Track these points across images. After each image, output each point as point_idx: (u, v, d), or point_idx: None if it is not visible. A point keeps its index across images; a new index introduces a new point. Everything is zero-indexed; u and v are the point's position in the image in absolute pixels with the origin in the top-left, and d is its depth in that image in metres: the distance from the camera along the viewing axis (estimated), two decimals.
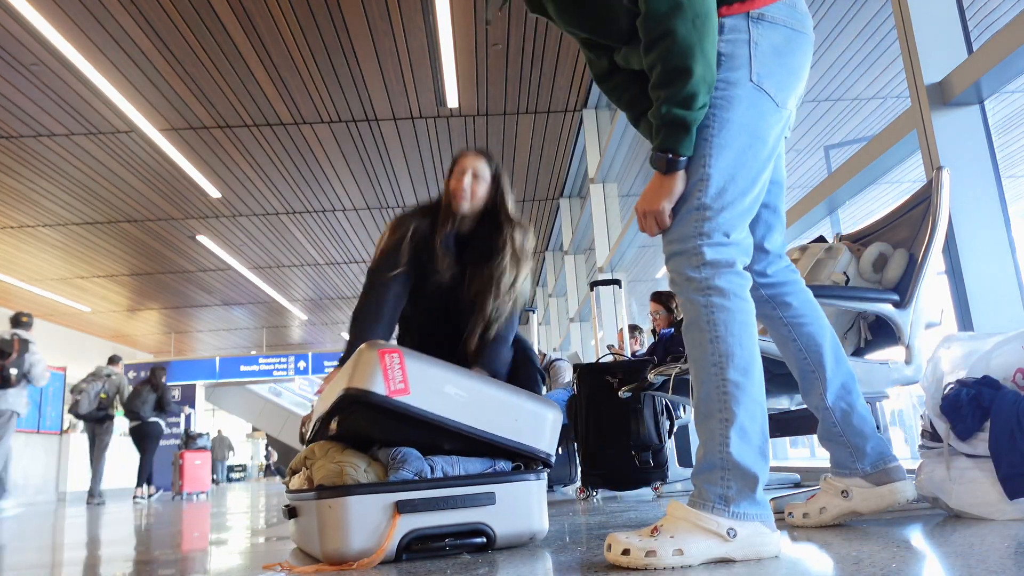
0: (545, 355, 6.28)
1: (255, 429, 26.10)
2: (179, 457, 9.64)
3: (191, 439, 10.47)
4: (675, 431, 3.66)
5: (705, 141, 1.31)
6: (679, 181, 1.32)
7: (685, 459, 4.71)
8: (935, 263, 1.97)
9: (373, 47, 5.64)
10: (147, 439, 8.64)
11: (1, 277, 10.80)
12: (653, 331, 4.67)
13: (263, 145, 7.15)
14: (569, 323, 9.93)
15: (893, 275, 2.05)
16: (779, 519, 1.80)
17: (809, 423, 2.58)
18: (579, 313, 9.43)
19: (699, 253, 1.30)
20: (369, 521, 1.51)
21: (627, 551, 1.20)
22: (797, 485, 3.13)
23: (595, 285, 4.89)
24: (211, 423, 21.06)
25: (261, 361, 15.59)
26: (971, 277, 2.09)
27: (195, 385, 15.04)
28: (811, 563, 1.20)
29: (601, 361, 3.80)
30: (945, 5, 2.26)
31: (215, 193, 8.17)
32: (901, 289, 1.98)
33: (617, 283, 4.82)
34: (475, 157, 2.25)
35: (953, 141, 2.16)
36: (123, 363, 8.82)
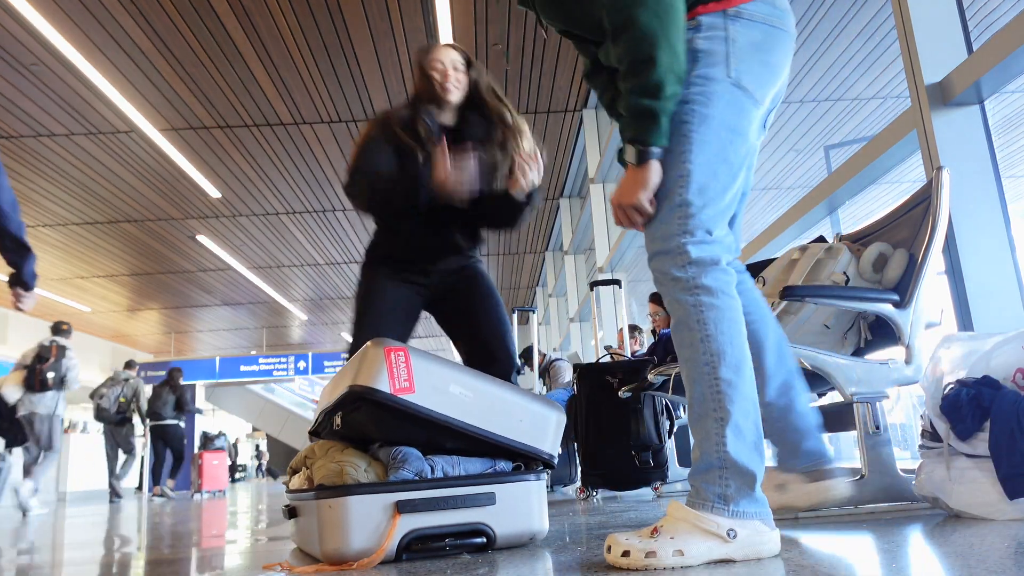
0: (545, 355, 6.29)
1: (255, 429, 26.10)
2: (198, 457, 10.09)
3: (209, 440, 10.89)
4: (675, 431, 3.66)
5: (684, 137, 1.30)
6: (653, 172, 1.31)
7: (685, 459, 4.71)
8: (935, 263, 1.97)
9: (373, 47, 5.64)
10: (172, 440, 9.11)
11: (1, 277, 10.81)
12: (653, 331, 4.68)
13: (263, 145, 7.14)
14: (569, 323, 9.94)
15: (893, 275, 2.05)
16: (778, 518, 1.80)
17: None
18: (579, 313, 9.43)
19: (684, 252, 1.29)
20: (369, 521, 1.51)
21: (627, 552, 1.20)
22: None
23: (595, 285, 4.89)
24: (211, 423, 21.06)
25: (261, 361, 15.60)
26: (971, 277, 2.09)
27: (195, 385, 15.05)
28: (811, 563, 1.20)
29: (601, 361, 3.81)
30: (945, 5, 2.26)
31: (215, 193, 8.17)
32: (901, 289, 1.98)
33: (617, 283, 4.82)
34: (448, 49, 2.26)
35: (953, 141, 2.16)
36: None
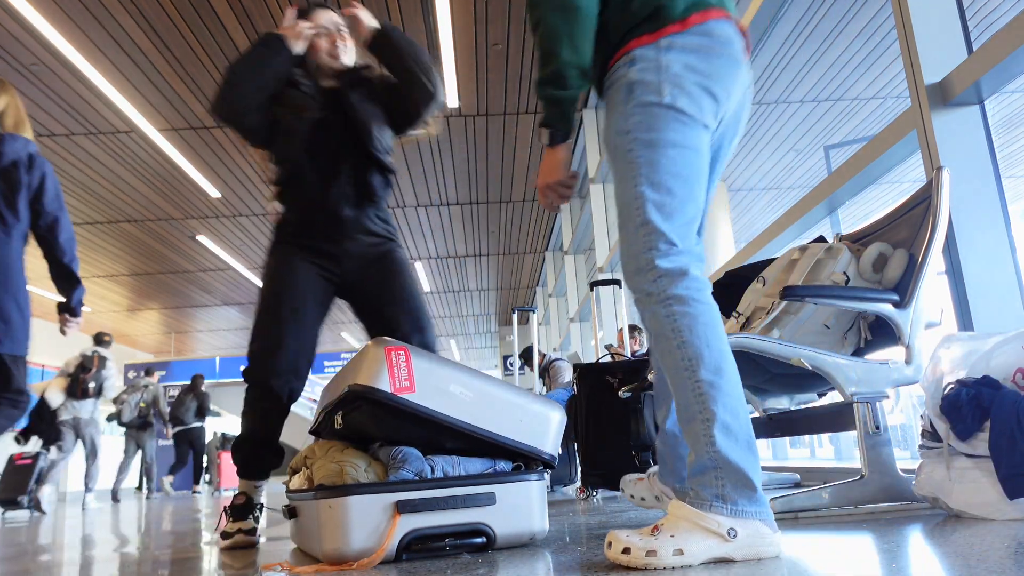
0: (545, 355, 6.29)
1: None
2: (217, 457, 10.95)
3: (228, 441, 11.68)
4: None
5: (632, 163, 1.38)
6: (564, 151, 1.49)
7: None
8: (935, 263, 1.97)
9: None
10: (196, 442, 9.86)
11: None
12: None
13: None
14: (569, 323, 9.94)
15: (893, 275, 2.05)
16: (782, 518, 1.81)
17: (809, 423, 2.59)
18: (579, 313, 9.44)
19: (653, 267, 1.34)
20: (369, 521, 1.51)
21: (627, 550, 1.21)
22: (797, 485, 3.13)
23: (595, 285, 4.89)
24: (209, 424, 21.02)
25: None
26: (971, 277, 2.09)
27: None
28: (811, 563, 1.20)
29: (601, 361, 3.80)
30: (945, 5, 2.26)
31: (215, 193, 8.17)
32: (901, 289, 1.98)
33: (617, 283, 4.82)
34: (327, 12, 2.24)
35: (953, 141, 2.16)
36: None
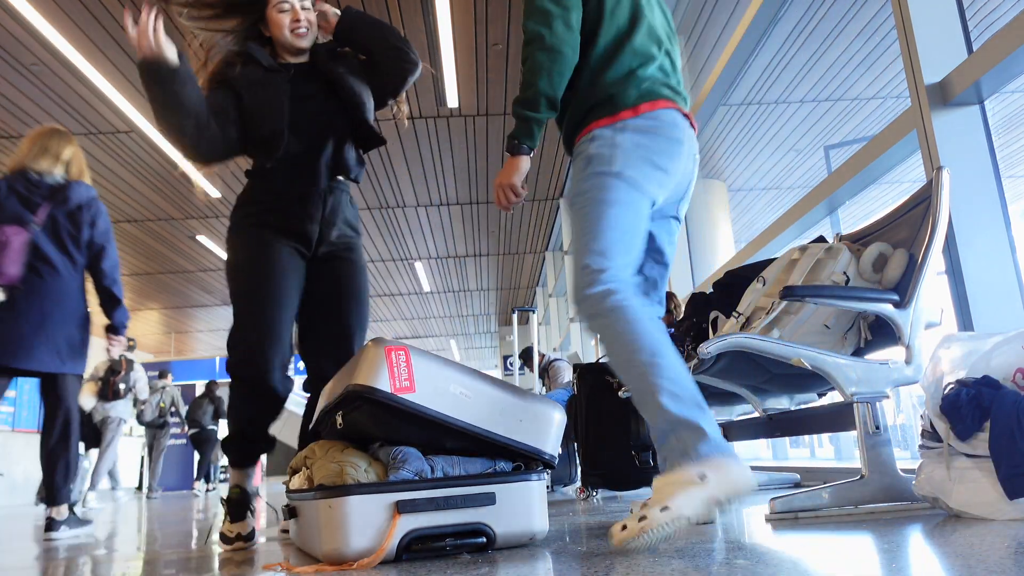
0: (544, 355, 6.29)
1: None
2: None
3: None
4: None
5: (584, 218, 1.64)
6: (524, 162, 1.72)
7: None
8: (935, 263, 1.97)
9: None
10: (207, 443, 10.37)
11: None
12: None
13: None
14: (569, 323, 9.94)
15: (893, 275, 2.05)
16: (782, 518, 1.81)
17: (809, 423, 2.59)
18: None
19: (589, 297, 1.57)
20: (369, 521, 1.51)
21: (625, 526, 1.37)
22: (797, 485, 3.13)
23: None
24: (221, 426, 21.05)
25: None
26: (971, 277, 2.09)
27: (195, 385, 15.02)
28: (811, 563, 1.21)
29: (601, 361, 3.80)
30: (945, 5, 2.26)
31: (215, 193, 8.17)
32: (901, 289, 1.98)
33: None
34: None
35: (953, 141, 2.16)
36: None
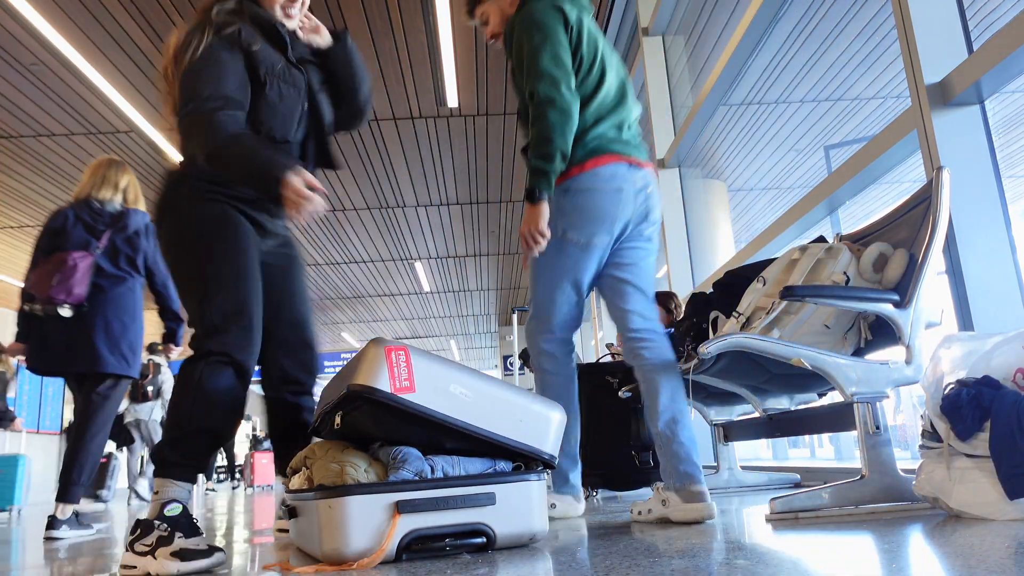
0: None
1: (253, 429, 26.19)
2: (250, 457, 11.86)
3: (258, 442, 12.53)
4: None
5: (536, 274, 2.12)
6: (544, 207, 1.96)
7: None
8: (935, 263, 1.97)
9: (373, 47, 5.63)
10: (228, 445, 11.03)
11: (1, 277, 10.80)
12: None
13: None
14: None
15: (893, 275, 2.05)
16: (782, 518, 1.81)
17: (809, 423, 2.59)
18: None
19: (536, 345, 2.19)
20: (369, 521, 1.51)
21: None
22: (797, 485, 3.13)
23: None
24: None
25: None
26: (971, 277, 2.09)
27: None
28: (811, 563, 1.20)
29: (601, 361, 3.80)
30: (945, 5, 2.26)
31: None
32: (901, 289, 1.98)
33: None
34: None
35: (953, 141, 2.16)
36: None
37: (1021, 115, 6.94)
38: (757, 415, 2.79)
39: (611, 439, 3.28)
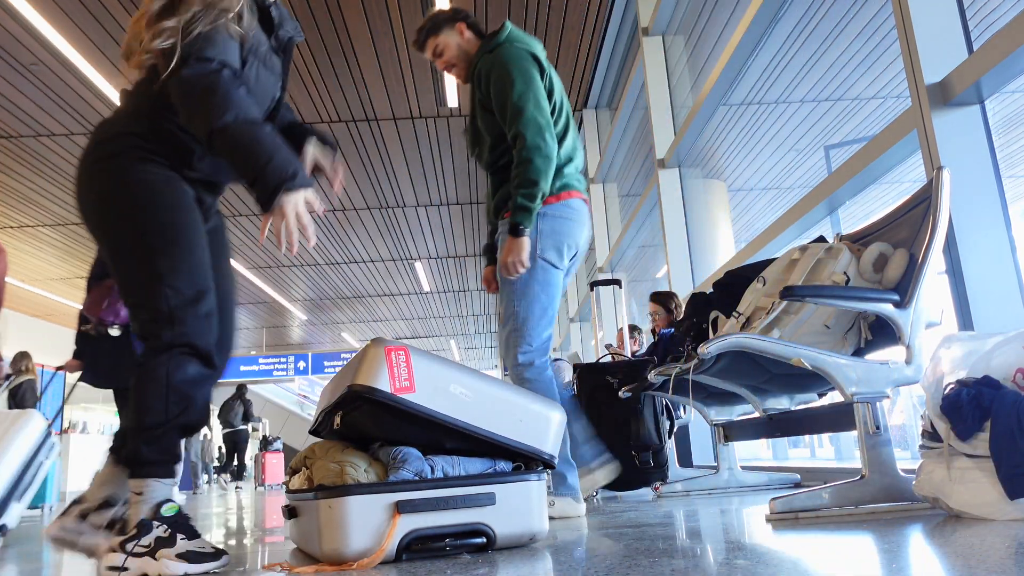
0: None
1: (254, 429, 26.20)
2: (261, 457, 12.60)
3: (268, 443, 13.30)
4: (675, 431, 3.65)
5: (515, 292, 2.28)
6: (527, 240, 2.22)
7: (685, 459, 4.71)
8: (935, 263, 1.97)
9: (373, 47, 5.64)
10: (240, 443, 11.42)
11: None
12: (652, 331, 4.67)
13: None
14: (569, 323, 9.94)
15: (893, 275, 2.05)
16: (782, 519, 1.81)
17: (809, 423, 2.59)
18: (579, 313, 9.43)
19: (516, 357, 2.30)
20: (369, 521, 1.51)
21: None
22: (797, 485, 3.12)
23: (595, 285, 4.89)
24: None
25: (261, 361, 15.59)
26: (971, 277, 2.09)
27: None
28: (811, 563, 1.20)
29: (601, 361, 3.80)
30: (945, 5, 2.26)
31: None
32: (901, 289, 1.98)
33: (617, 283, 4.81)
34: None
35: (953, 141, 2.16)
36: None
37: (1021, 115, 6.94)
38: (757, 415, 2.79)
39: (611, 439, 3.28)
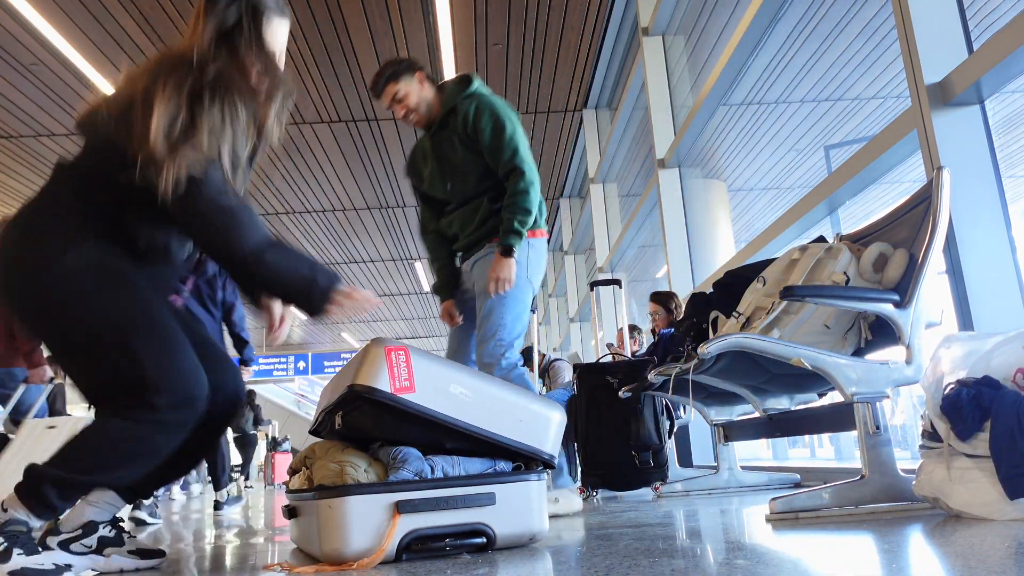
0: (545, 355, 6.28)
1: (263, 432, 26.33)
2: (271, 457, 13.10)
3: (278, 444, 13.67)
4: (675, 431, 3.65)
5: (504, 308, 2.58)
6: (515, 260, 2.55)
7: (685, 459, 4.71)
8: (935, 263, 1.97)
9: (373, 47, 5.64)
10: (248, 447, 11.69)
11: None
12: (653, 331, 4.67)
13: None
14: (569, 323, 9.94)
15: (893, 275, 2.05)
16: (782, 518, 1.81)
17: (809, 423, 2.59)
18: (579, 313, 9.44)
19: (499, 362, 2.57)
20: (369, 521, 1.51)
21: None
22: (797, 485, 3.12)
23: (595, 285, 4.89)
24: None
25: (261, 361, 15.60)
26: (971, 277, 2.09)
27: None
28: (811, 563, 1.20)
29: (601, 361, 3.80)
30: (945, 5, 2.26)
31: None
32: (901, 289, 1.98)
33: (617, 283, 4.81)
34: None
35: (953, 141, 2.16)
36: None
37: (1021, 115, 6.94)
38: (757, 415, 2.79)
39: (611, 439, 3.28)
